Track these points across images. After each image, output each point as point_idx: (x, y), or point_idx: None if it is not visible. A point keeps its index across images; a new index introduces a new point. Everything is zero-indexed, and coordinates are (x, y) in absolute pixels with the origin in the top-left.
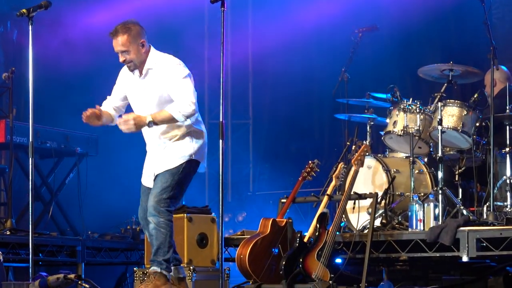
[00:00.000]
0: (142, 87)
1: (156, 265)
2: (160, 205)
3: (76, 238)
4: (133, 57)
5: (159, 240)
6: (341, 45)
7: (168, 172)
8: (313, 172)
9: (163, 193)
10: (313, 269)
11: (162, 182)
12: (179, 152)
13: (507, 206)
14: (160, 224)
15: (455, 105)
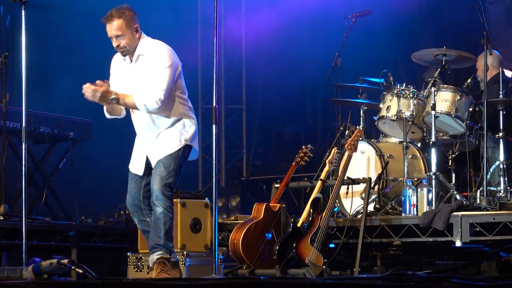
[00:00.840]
0: (132, 73)
1: (164, 251)
2: (167, 189)
3: (69, 223)
4: (127, 42)
5: (167, 225)
6: (334, 30)
7: (170, 157)
8: (306, 157)
9: (168, 177)
10: (306, 254)
11: (165, 166)
12: (175, 138)
13: (500, 191)
14: (168, 209)
15: (448, 90)
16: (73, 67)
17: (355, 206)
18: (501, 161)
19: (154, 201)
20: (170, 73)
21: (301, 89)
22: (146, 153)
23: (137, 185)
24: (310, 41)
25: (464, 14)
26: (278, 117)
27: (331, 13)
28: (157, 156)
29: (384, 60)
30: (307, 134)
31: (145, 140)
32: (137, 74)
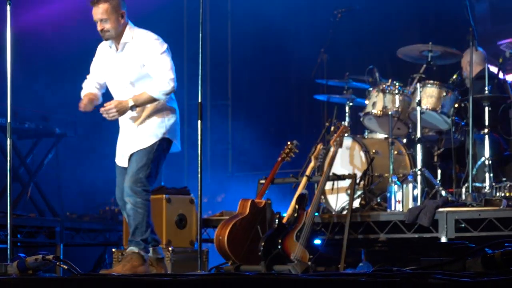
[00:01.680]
0: (118, 62)
1: (134, 245)
2: (137, 185)
3: (54, 219)
4: (112, 27)
5: (136, 220)
6: (320, 26)
7: (142, 152)
8: (292, 153)
9: (139, 172)
10: (292, 250)
11: (137, 161)
12: (151, 131)
13: (486, 187)
14: (138, 204)
15: (434, 86)
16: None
17: (340, 202)
18: (487, 157)
19: (124, 198)
20: (168, 56)
21: (286, 84)
22: (128, 141)
23: (123, 179)
24: (295, 36)
25: (450, 10)
26: (264, 113)
27: (316, 9)
28: (131, 149)
29: (370, 56)
30: (293, 130)
31: (127, 131)
32: (123, 63)
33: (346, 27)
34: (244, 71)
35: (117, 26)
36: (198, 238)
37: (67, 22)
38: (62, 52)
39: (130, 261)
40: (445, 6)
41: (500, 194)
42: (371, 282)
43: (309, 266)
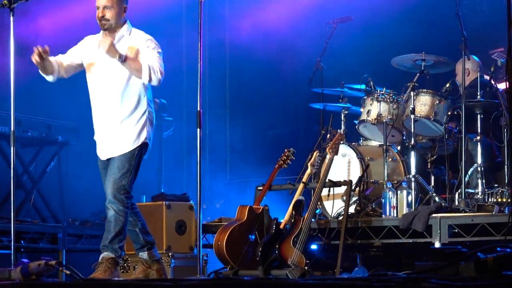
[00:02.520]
0: (109, 58)
1: (111, 251)
2: (120, 192)
3: (57, 226)
4: (112, 16)
5: (117, 228)
6: (316, 36)
7: (124, 157)
8: (289, 160)
9: (122, 179)
10: (289, 255)
11: (119, 168)
12: (134, 134)
13: (478, 193)
14: (120, 212)
15: (427, 94)
16: None
17: (336, 208)
18: (479, 164)
19: (107, 203)
20: (160, 56)
21: (283, 93)
22: (108, 140)
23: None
24: (292, 46)
25: (443, 20)
26: (261, 121)
27: (312, 19)
28: (112, 152)
29: (364, 65)
30: (290, 137)
31: (106, 129)
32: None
33: (342, 37)
34: (242, 80)
35: (117, 18)
36: (198, 243)
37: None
38: None
39: (108, 267)
40: (438, 16)
41: (492, 200)
42: (367, 286)
43: (306, 270)
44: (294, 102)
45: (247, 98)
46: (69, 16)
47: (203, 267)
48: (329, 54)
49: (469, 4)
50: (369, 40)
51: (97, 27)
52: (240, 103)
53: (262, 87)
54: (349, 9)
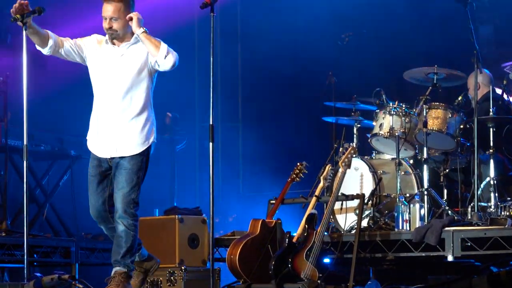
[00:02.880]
0: (119, 60)
1: (123, 267)
2: (130, 206)
3: (70, 239)
4: (119, 27)
5: (128, 243)
6: (328, 49)
7: (131, 168)
8: (301, 174)
9: (131, 193)
10: (302, 269)
11: (128, 182)
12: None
13: (491, 207)
14: (130, 227)
15: (439, 107)
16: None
17: (349, 222)
18: (492, 177)
19: (117, 218)
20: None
21: (296, 106)
22: (114, 138)
23: (99, 193)
24: (304, 59)
25: (455, 33)
26: (274, 135)
27: (325, 32)
28: (120, 150)
29: (377, 78)
30: (302, 151)
31: (114, 123)
32: (126, 61)
33: (354, 51)
34: (254, 93)
35: (125, 28)
36: (210, 257)
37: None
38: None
39: (121, 281)
40: (450, 29)
41: (505, 213)
42: None
43: (319, 284)
44: (307, 116)
45: (259, 111)
46: (85, 27)
47: (215, 281)
48: (341, 67)
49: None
50: (381, 53)
51: None
52: (252, 117)
53: (275, 100)
54: (361, 22)
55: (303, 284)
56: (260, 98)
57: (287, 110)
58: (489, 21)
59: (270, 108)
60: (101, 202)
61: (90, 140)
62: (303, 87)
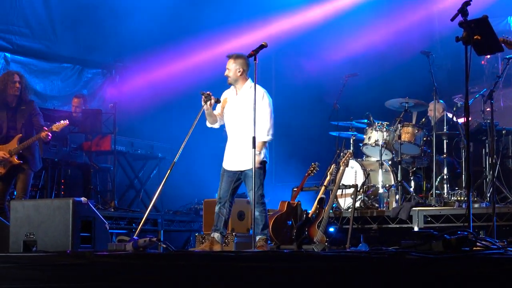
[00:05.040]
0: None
1: (262, 235)
2: (259, 199)
3: (157, 214)
4: (230, 74)
5: (263, 221)
6: (334, 86)
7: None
8: (315, 171)
9: (258, 190)
10: (314, 235)
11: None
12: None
13: (444, 194)
14: (262, 212)
15: (409, 126)
16: (161, 108)
17: (347, 203)
18: (445, 174)
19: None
20: (270, 109)
21: (311, 125)
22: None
23: (228, 180)
24: (318, 93)
25: (420, 74)
26: (296, 144)
27: (331, 74)
28: (245, 164)
29: (367, 105)
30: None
31: (239, 146)
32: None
33: (351, 86)
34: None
35: (234, 76)
36: (253, 226)
37: (176, 76)
38: (170, 99)
39: (264, 244)
40: (417, 72)
41: (454, 198)
42: (368, 257)
43: (326, 246)
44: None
45: (287, 128)
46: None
47: (255, 243)
48: (342, 98)
49: (439, 63)
50: (370, 88)
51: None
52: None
53: (297, 120)
54: (357, 67)
55: (315, 245)
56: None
57: (306, 126)
58: (444, 66)
59: (294, 126)
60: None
61: None
62: (317, 112)
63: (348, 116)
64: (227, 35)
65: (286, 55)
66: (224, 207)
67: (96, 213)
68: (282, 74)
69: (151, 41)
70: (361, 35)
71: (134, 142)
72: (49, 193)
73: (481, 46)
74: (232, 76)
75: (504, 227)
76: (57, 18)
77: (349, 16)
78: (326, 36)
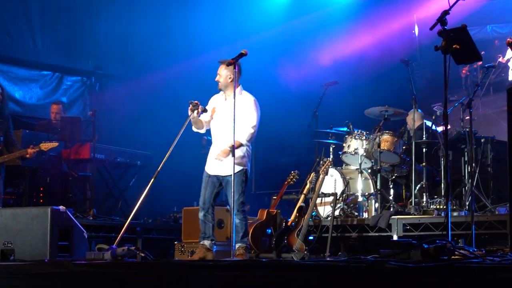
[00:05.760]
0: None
1: (242, 243)
2: (239, 206)
3: (136, 222)
4: (220, 80)
5: (242, 229)
6: (314, 94)
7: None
8: (294, 179)
9: (239, 198)
10: (294, 243)
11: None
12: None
13: (423, 202)
14: (243, 220)
15: (389, 134)
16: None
17: (326, 212)
18: (424, 182)
19: (235, 214)
20: (257, 114)
21: (291, 133)
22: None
23: (208, 186)
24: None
25: (399, 83)
26: (276, 152)
27: (311, 83)
28: (225, 170)
29: (347, 113)
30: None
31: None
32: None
33: (331, 95)
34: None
35: (225, 82)
36: (231, 235)
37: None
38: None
39: (243, 252)
40: (396, 81)
41: (433, 207)
42: (347, 266)
43: (305, 254)
44: (298, 139)
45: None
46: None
47: (235, 251)
48: (322, 106)
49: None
50: (350, 96)
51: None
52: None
53: (277, 128)
54: (337, 75)
55: (294, 254)
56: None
57: (285, 136)
58: (423, 75)
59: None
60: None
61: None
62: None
63: (328, 124)
64: (208, 44)
65: (265, 63)
66: (208, 213)
67: (75, 221)
68: (261, 82)
69: (131, 49)
70: (341, 44)
71: (114, 150)
72: (28, 201)
73: (460, 55)
74: (222, 82)
75: (482, 236)
76: (36, 25)
77: (329, 25)
78: (306, 44)
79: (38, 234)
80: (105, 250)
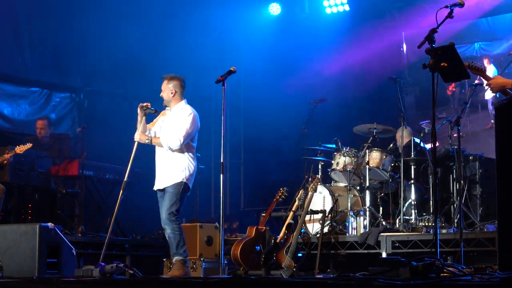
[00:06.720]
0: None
1: (179, 255)
2: (171, 217)
3: (125, 239)
4: (164, 96)
5: (176, 239)
6: (302, 111)
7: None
8: (283, 196)
9: (171, 208)
10: (282, 261)
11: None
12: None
13: (412, 219)
14: (175, 229)
15: (377, 151)
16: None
17: (315, 229)
18: (412, 199)
19: (163, 225)
20: (188, 127)
21: (279, 150)
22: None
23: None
24: (286, 119)
25: (388, 100)
26: (265, 169)
27: (300, 99)
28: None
29: (335, 131)
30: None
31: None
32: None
33: (320, 112)
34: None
35: (168, 97)
36: (220, 252)
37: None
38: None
39: (180, 267)
40: (385, 97)
41: (421, 224)
42: (335, 283)
43: (294, 271)
44: (287, 156)
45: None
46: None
47: (224, 268)
48: (311, 123)
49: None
50: (338, 114)
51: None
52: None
53: (266, 146)
54: (325, 93)
55: (283, 271)
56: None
57: (273, 152)
58: (411, 93)
59: (263, 150)
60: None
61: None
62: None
63: (317, 141)
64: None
65: (254, 80)
66: (166, 230)
67: (63, 238)
68: (250, 99)
69: (120, 65)
70: (329, 61)
71: (102, 167)
72: (16, 218)
73: (448, 73)
74: (165, 97)
75: (471, 253)
76: (25, 42)
77: (318, 42)
78: (294, 61)
79: (27, 251)
80: (93, 268)
